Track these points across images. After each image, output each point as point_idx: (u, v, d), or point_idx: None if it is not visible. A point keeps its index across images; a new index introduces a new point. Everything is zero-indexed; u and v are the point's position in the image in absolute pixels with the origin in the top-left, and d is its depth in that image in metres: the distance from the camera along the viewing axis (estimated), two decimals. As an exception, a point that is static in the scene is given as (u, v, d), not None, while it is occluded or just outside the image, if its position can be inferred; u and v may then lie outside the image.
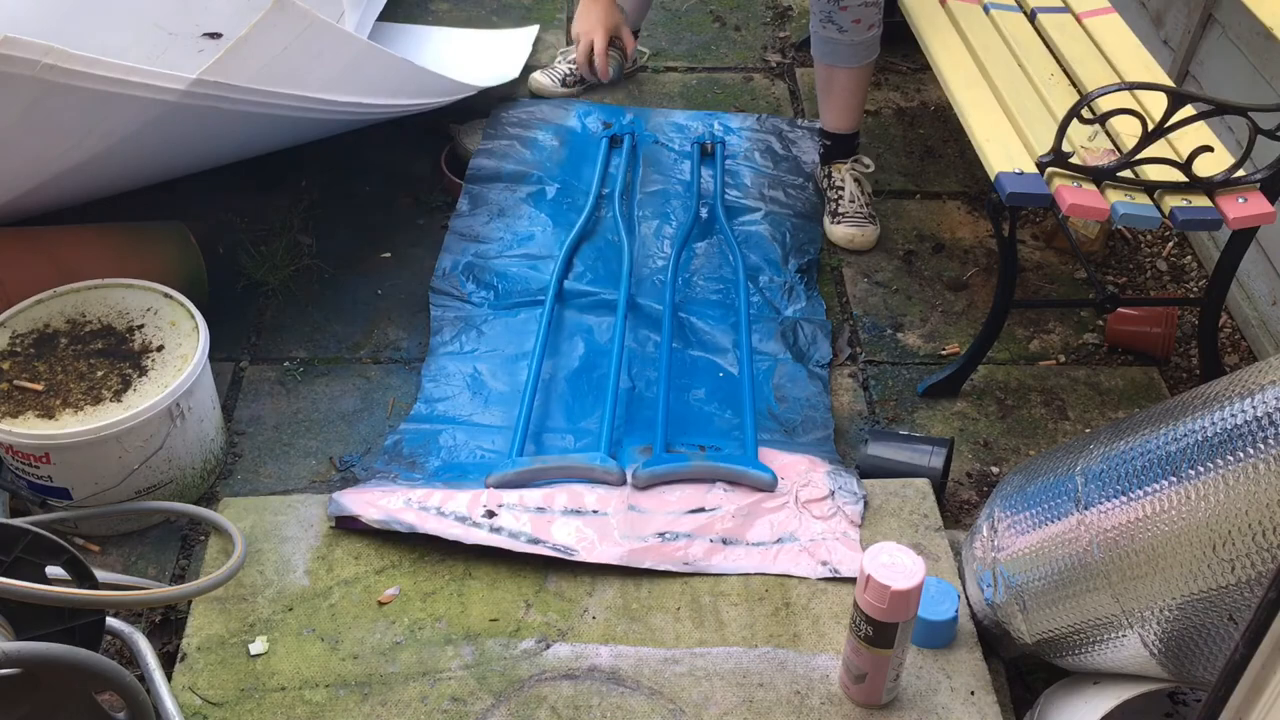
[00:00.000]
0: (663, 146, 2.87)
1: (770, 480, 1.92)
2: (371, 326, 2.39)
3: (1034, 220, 2.68)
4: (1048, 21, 2.39)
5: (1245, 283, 2.39)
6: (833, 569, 1.81)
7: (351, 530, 1.86)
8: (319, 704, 1.63)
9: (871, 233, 2.61)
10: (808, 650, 1.70)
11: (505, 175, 2.73)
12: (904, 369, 2.34)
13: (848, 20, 2.43)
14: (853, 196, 2.62)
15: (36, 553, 1.47)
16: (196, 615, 1.74)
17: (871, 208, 2.64)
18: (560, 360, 2.28)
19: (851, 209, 2.61)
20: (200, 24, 2.92)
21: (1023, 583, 1.61)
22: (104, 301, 2.02)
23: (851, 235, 2.60)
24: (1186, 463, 1.38)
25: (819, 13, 2.45)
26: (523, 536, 1.82)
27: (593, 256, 2.53)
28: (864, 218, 2.61)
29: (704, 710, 1.63)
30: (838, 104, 2.60)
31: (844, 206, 2.62)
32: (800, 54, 3.29)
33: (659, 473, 1.93)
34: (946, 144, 2.95)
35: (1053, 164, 1.94)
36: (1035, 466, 1.70)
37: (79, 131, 1.89)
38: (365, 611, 1.75)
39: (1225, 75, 2.45)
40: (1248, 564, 1.30)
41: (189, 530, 1.97)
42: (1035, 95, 2.20)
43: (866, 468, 2.00)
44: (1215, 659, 1.39)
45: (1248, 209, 1.92)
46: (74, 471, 1.85)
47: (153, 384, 1.89)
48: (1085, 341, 2.40)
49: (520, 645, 1.71)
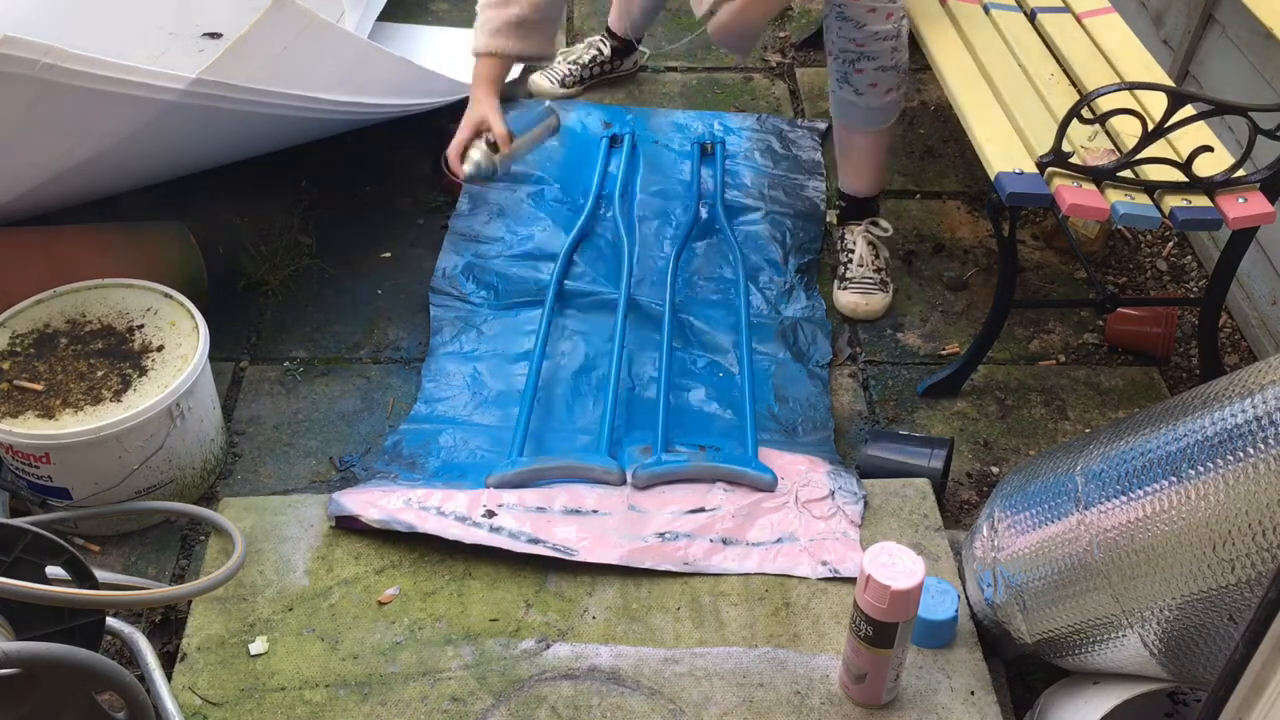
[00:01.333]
0: (663, 146, 2.86)
1: (770, 480, 1.92)
2: (371, 326, 2.39)
3: (1034, 220, 2.68)
4: (1048, 21, 2.39)
5: (1245, 283, 2.39)
6: (833, 569, 1.81)
7: (351, 530, 1.86)
8: (319, 704, 1.63)
9: (879, 301, 2.42)
10: (808, 650, 1.70)
11: (505, 175, 2.72)
12: (904, 369, 2.34)
13: (864, 83, 2.29)
14: (862, 260, 2.45)
15: (36, 553, 1.47)
16: (196, 615, 1.74)
17: (886, 273, 2.47)
18: (560, 360, 2.28)
19: (859, 274, 2.44)
20: (200, 24, 2.92)
21: (1023, 583, 1.61)
22: (104, 301, 2.02)
23: (855, 303, 2.42)
24: (1186, 463, 1.38)
25: (835, 72, 2.32)
26: (523, 536, 1.82)
27: (593, 256, 2.53)
28: (873, 284, 2.43)
29: (704, 710, 1.63)
30: (854, 166, 2.47)
31: (852, 270, 2.45)
32: (800, 54, 3.29)
33: (659, 472, 1.93)
34: (946, 144, 2.95)
35: (1053, 164, 1.94)
36: (1035, 466, 1.70)
37: (79, 131, 1.89)
38: (365, 611, 1.75)
39: (1225, 75, 2.45)
40: (1248, 564, 1.30)
41: (189, 530, 1.97)
42: (1035, 95, 2.20)
43: (866, 468, 2.00)
44: (1215, 659, 1.39)
45: (1248, 209, 1.92)
46: (74, 471, 1.85)
47: (153, 384, 1.89)
48: (1085, 341, 2.40)
49: (520, 645, 1.71)
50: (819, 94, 3.12)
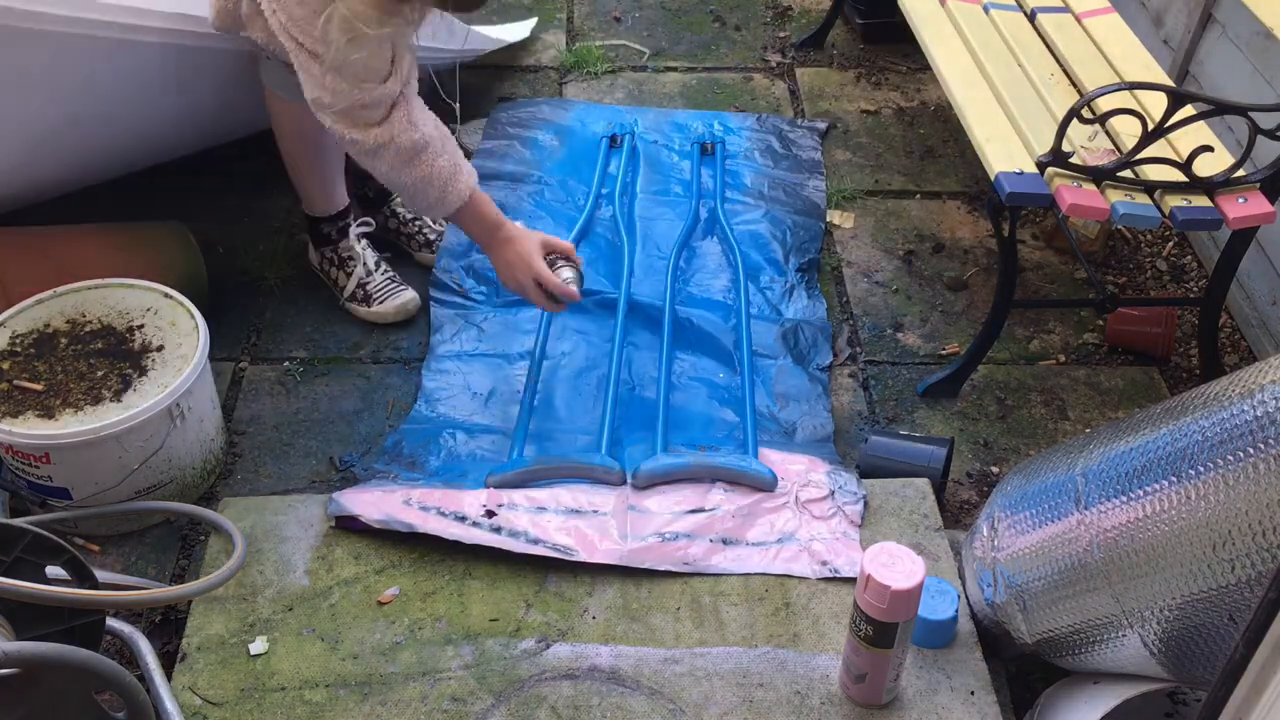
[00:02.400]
0: (662, 146, 2.87)
1: (770, 479, 1.91)
2: (371, 326, 2.39)
3: (1034, 220, 2.68)
4: (1048, 21, 2.39)
5: (1245, 282, 2.39)
6: (833, 569, 1.81)
7: (351, 530, 1.86)
8: (319, 704, 1.63)
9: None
10: (808, 650, 1.70)
11: (505, 175, 2.73)
12: (904, 369, 2.34)
13: None
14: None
15: (36, 553, 1.47)
16: (196, 615, 1.74)
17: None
18: (561, 360, 2.28)
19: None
20: None
21: (1023, 583, 1.61)
22: (104, 301, 2.02)
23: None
24: (1186, 462, 1.38)
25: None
26: (522, 536, 1.82)
27: (592, 255, 2.53)
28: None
29: (704, 710, 1.63)
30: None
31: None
32: (800, 54, 3.29)
33: (659, 471, 1.93)
34: (946, 144, 2.95)
35: (1053, 164, 1.94)
36: (1035, 466, 1.70)
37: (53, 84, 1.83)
38: (365, 611, 1.75)
39: (1225, 75, 2.45)
40: (1248, 564, 1.30)
41: (189, 530, 1.97)
42: (1035, 95, 2.20)
43: (866, 468, 2.00)
44: (1215, 659, 1.39)
45: (1248, 209, 1.92)
46: (74, 471, 1.85)
47: (152, 384, 1.89)
48: (1085, 341, 2.40)
49: (520, 645, 1.71)
50: (819, 94, 3.12)
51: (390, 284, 2.39)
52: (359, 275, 2.37)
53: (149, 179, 2.47)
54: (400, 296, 2.38)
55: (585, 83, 3.14)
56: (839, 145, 2.94)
